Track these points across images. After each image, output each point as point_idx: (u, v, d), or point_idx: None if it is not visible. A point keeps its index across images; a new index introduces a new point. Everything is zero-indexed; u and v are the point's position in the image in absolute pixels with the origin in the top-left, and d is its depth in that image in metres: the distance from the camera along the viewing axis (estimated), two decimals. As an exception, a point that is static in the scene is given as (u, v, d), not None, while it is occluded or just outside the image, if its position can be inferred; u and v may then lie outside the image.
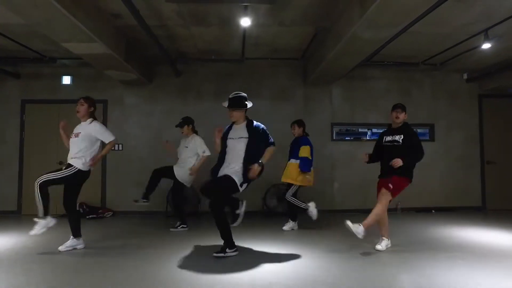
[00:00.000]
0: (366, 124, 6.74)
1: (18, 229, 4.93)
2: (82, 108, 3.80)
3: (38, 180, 3.44)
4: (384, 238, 3.77)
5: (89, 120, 3.83)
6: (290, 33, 5.04)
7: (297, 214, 4.85)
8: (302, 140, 4.80)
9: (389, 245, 3.75)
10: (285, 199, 4.84)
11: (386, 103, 6.76)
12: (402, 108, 3.88)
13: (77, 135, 3.77)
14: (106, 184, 6.42)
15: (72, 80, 6.49)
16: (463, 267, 3.17)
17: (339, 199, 6.55)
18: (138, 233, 4.65)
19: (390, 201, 3.71)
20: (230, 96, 3.58)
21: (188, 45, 5.54)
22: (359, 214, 6.15)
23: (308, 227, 4.93)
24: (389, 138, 3.87)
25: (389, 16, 3.43)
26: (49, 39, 4.40)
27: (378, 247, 3.67)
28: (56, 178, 3.52)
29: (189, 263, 3.31)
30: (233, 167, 3.44)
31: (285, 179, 4.76)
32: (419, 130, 6.84)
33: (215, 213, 3.32)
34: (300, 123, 4.93)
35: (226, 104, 3.55)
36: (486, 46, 4.77)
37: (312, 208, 4.75)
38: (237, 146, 3.47)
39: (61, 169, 3.62)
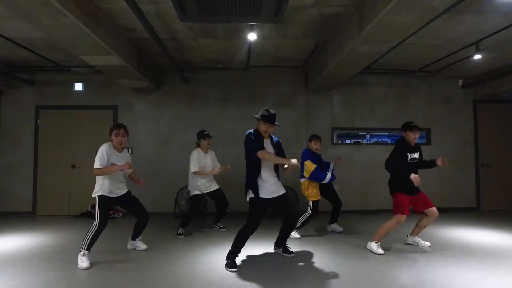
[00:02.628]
0: (365, 129, 7.03)
1: (37, 229, 5.24)
2: (124, 139, 3.74)
3: None
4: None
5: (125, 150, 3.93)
6: (293, 45, 5.34)
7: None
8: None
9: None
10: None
11: (384, 108, 7.08)
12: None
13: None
14: (117, 186, 6.71)
15: (84, 86, 6.78)
16: (454, 264, 3.45)
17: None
18: (148, 233, 4.92)
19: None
20: (268, 112, 3.44)
21: (196, 55, 5.84)
22: (359, 215, 6.50)
23: (310, 229, 5.22)
24: (411, 156, 4.01)
25: (385, 33, 3.71)
26: (66, 50, 4.69)
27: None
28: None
29: (198, 260, 3.61)
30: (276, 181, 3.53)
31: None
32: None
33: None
34: None
35: (264, 117, 3.41)
36: (477, 57, 5.05)
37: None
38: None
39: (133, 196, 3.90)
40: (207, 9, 3.25)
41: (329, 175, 4.53)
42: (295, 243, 4.26)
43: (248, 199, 3.41)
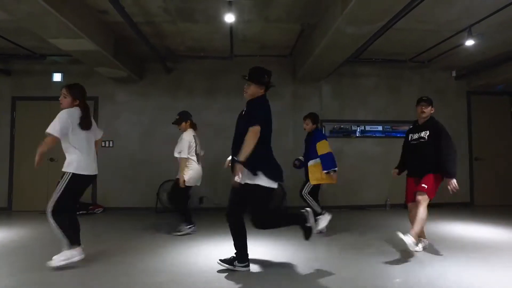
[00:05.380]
0: (355, 121, 6.80)
1: (8, 225, 4.97)
2: (65, 101, 3.10)
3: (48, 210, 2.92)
4: (421, 239, 3.54)
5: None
6: (277, 29, 5.09)
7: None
8: (316, 135, 4.32)
9: (427, 246, 3.57)
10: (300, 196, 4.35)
11: (375, 100, 6.86)
12: (428, 101, 3.60)
13: None
14: (97, 180, 6.42)
15: (63, 77, 6.51)
16: (446, 259, 3.25)
17: (328, 195, 6.59)
18: (128, 229, 4.66)
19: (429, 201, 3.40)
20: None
21: (176, 42, 5.58)
22: (348, 211, 6.27)
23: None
24: (415, 136, 3.62)
25: (370, 11, 3.48)
26: (38, 36, 4.42)
27: (417, 247, 3.40)
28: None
29: (178, 255, 3.37)
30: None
31: (313, 181, 4.25)
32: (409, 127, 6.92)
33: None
34: (313, 116, 4.41)
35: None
36: (469, 43, 4.83)
37: (325, 220, 4.24)
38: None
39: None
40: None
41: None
42: (285, 236, 4.02)
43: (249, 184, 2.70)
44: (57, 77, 6.50)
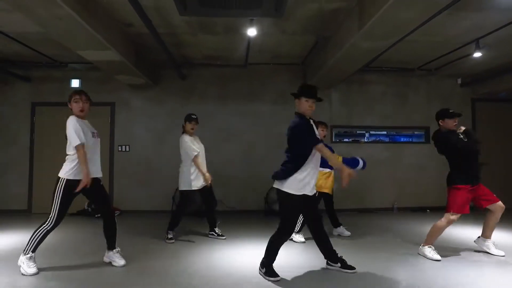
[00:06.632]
0: (363, 127, 7.01)
1: (28, 227, 5.14)
2: (87, 106, 3.20)
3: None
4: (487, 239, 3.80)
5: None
6: (292, 41, 5.29)
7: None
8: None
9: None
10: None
11: (383, 106, 7.06)
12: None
13: (97, 135, 3.29)
14: (114, 184, 6.65)
15: (81, 83, 6.70)
16: (449, 261, 3.44)
17: (337, 199, 6.78)
18: (148, 232, 4.84)
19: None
20: (306, 86, 3.07)
21: (194, 51, 5.78)
22: (357, 214, 6.46)
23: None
24: (466, 139, 3.64)
25: (386, 29, 3.68)
26: (61, 45, 4.62)
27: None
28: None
29: (197, 257, 3.55)
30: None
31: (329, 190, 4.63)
32: (415, 133, 7.16)
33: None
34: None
35: (305, 92, 3.05)
36: (477, 54, 5.04)
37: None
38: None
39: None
40: (207, 2, 3.20)
41: None
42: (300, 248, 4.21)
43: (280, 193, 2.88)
44: (75, 83, 6.68)
